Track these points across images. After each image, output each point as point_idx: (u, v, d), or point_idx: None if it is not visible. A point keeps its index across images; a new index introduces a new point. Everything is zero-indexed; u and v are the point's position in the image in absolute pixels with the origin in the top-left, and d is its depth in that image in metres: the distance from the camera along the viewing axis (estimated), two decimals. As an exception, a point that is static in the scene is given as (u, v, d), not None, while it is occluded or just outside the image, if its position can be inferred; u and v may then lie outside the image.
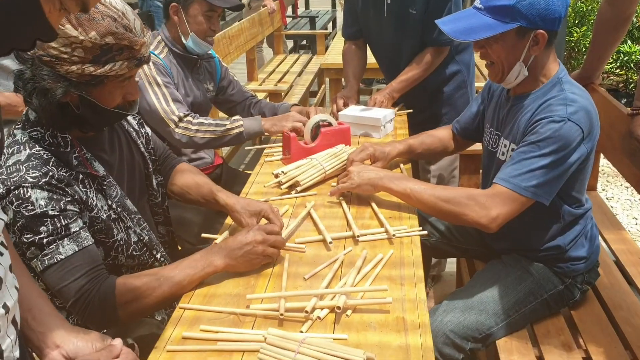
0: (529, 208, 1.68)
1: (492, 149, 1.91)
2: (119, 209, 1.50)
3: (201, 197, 1.76)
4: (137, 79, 1.56)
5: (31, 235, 1.33)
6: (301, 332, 1.24)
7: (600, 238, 2.06)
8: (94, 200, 1.44)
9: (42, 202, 1.33)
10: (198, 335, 1.26)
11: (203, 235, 1.66)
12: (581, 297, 1.89)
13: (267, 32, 5.45)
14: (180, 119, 2.21)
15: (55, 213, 1.34)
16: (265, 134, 2.33)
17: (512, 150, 1.76)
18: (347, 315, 1.30)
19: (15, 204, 1.32)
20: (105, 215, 1.46)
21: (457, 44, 2.66)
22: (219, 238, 1.59)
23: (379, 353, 1.18)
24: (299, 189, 1.92)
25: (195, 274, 1.41)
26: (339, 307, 1.28)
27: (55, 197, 1.35)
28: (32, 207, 1.32)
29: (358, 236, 1.62)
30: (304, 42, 7.75)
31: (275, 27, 5.85)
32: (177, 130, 2.21)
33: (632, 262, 2.18)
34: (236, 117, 2.33)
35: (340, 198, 1.87)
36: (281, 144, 2.24)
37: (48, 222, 1.33)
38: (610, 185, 4.03)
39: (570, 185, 1.73)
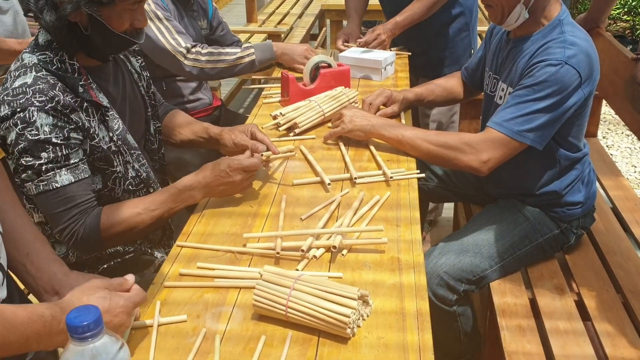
0: (525, 152, 1.67)
1: (490, 92, 1.89)
2: (119, 142, 1.51)
3: (193, 134, 1.78)
4: None
5: (31, 160, 1.35)
6: (297, 270, 1.26)
7: (597, 184, 2.07)
8: (96, 130, 1.45)
9: (47, 129, 1.34)
10: (195, 272, 1.27)
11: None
12: (576, 242, 1.90)
13: (268, -29, 5.31)
14: (189, 50, 2.16)
15: (58, 141, 1.36)
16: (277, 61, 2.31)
17: (509, 94, 1.74)
18: (342, 254, 1.32)
19: (19, 126, 1.34)
20: (105, 146, 1.48)
21: None
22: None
23: (373, 291, 1.19)
24: (297, 130, 1.90)
25: (176, 207, 1.48)
26: (334, 247, 1.29)
27: (60, 124, 1.36)
28: (36, 132, 1.34)
29: (355, 178, 1.62)
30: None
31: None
32: (186, 62, 2.16)
33: (629, 208, 2.19)
34: (247, 44, 2.28)
35: (339, 141, 1.86)
36: (280, 85, 2.22)
37: (50, 149, 1.35)
38: (611, 133, 4.01)
39: (567, 130, 1.72)
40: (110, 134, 1.49)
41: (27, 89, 1.35)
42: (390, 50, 2.58)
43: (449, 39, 2.67)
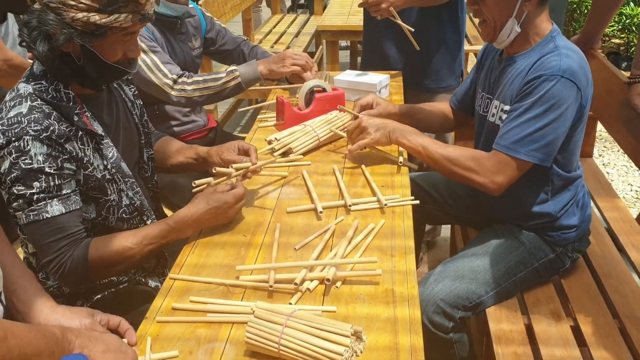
0: None
1: (482, 113, 1.91)
2: (113, 170, 1.51)
3: (184, 157, 1.80)
4: None
5: (23, 189, 1.35)
6: (290, 303, 1.25)
7: (592, 205, 2.06)
8: (90, 159, 1.45)
9: (40, 158, 1.35)
10: (188, 307, 1.26)
11: (195, 182, 1.67)
12: (571, 266, 1.90)
13: (264, -10, 5.34)
14: (175, 81, 2.17)
15: (51, 171, 1.36)
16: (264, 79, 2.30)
17: (502, 110, 1.75)
18: (336, 287, 1.31)
19: (13, 154, 1.34)
20: (100, 175, 1.48)
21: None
22: (211, 182, 1.62)
23: (367, 325, 1.18)
24: (292, 156, 1.90)
25: (167, 242, 1.49)
26: (328, 280, 1.29)
27: (54, 153, 1.36)
28: (30, 162, 1.34)
29: (350, 206, 1.61)
30: (302, 0, 7.62)
31: (273, -15, 5.73)
32: (173, 93, 2.17)
33: (624, 230, 2.19)
34: (231, 67, 2.27)
35: (334, 167, 1.86)
36: (275, 109, 2.22)
37: (42, 178, 1.35)
38: (607, 151, 4.02)
39: (563, 145, 1.73)
40: (105, 162, 1.49)
41: (22, 119, 1.36)
42: (396, 20, 2.38)
43: (444, 53, 2.65)
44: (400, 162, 1.85)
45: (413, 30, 2.38)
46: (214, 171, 1.64)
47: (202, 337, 1.18)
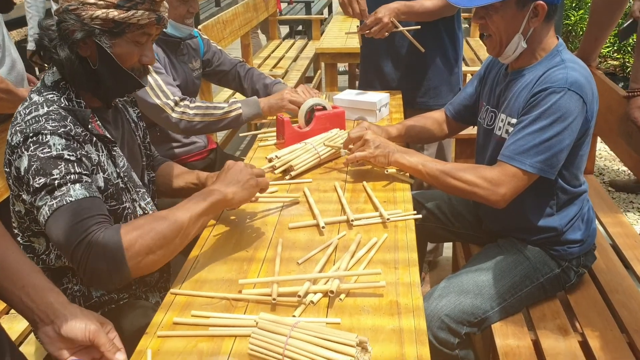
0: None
1: (487, 126, 1.90)
2: (126, 179, 1.51)
3: (184, 182, 1.78)
4: None
5: (43, 179, 1.31)
6: (294, 316, 1.23)
7: (597, 221, 2.05)
8: (105, 164, 1.45)
9: (59, 147, 1.34)
10: (189, 321, 1.24)
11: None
12: (577, 281, 1.88)
13: (262, 17, 5.40)
14: (177, 103, 2.17)
15: (72, 158, 1.34)
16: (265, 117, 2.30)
17: (509, 124, 1.75)
18: (340, 299, 1.29)
19: (31, 148, 1.33)
20: (115, 182, 1.48)
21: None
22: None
23: (372, 337, 1.16)
24: (292, 173, 1.89)
25: (199, 207, 1.39)
26: (332, 292, 1.27)
27: (73, 145, 1.36)
28: (49, 150, 1.33)
29: (352, 220, 1.60)
30: (300, 27, 7.69)
31: (270, 12, 5.80)
32: (173, 115, 2.16)
33: (629, 246, 2.17)
34: (234, 99, 2.30)
35: (336, 184, 1.85)
36: (275, 128, 2.22)
37: (62, 165, 1.33)
38: (607, 170, 4.01)
39: (568, 160, 1.72)
40: (117, 170, 1.50)
41: (40, 118, 1.37)
42: (398, 29, 2.36)
43: (442, 70, 2.66)
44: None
45: (419, 27, 2.39)
46: None
47: (204, 351, 1.16)
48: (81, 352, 1.08)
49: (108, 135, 1.48)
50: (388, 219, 1.60)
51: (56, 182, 1.31)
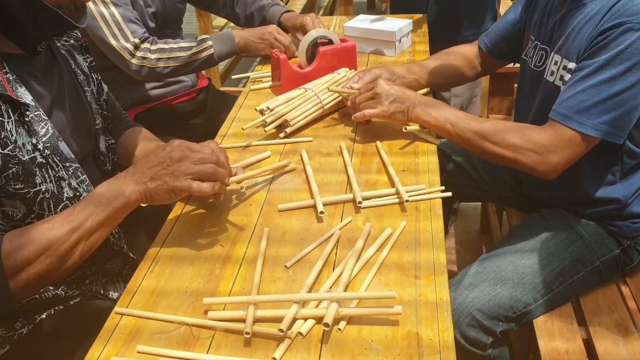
0: None
1: (536, 67, 1.49)
2: (47, 151, 1.12)
3: (144, 154, 1.40)
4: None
5: None
6: (273, 358, 0.89)
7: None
8: (11, 134, 1.06)
9: None
10: (133, 362, 0.92)
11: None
12: (640, 263, 1.52)
13: None
14: (137, 47, 1.78)
15: None
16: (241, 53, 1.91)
17: (565, 69, 1.35)
18: (339, 329, 0.94)
19: None
20: (27, 157, 1.08)
21: None
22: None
23: (381, 398, 0.83)
24: (288, 130, 1.51)
25: (101, 212, 1.05)
26: (327, 324, 0.92)
27: None
28: None
29: (360, 202, 1.23)
30: None
31: None
32: (133, 61, 1.79)
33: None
34: (203, 36, 1.90)
35: (341, 144, 1.47)
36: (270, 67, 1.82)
37: None
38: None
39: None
40: (34, 141, 1.10)
41: None
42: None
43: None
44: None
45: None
46: None
47: (147, 416, 0.84)
48: None
49: (19, 96, 1.08)
50: (407, 201, 1.23)
51: None
